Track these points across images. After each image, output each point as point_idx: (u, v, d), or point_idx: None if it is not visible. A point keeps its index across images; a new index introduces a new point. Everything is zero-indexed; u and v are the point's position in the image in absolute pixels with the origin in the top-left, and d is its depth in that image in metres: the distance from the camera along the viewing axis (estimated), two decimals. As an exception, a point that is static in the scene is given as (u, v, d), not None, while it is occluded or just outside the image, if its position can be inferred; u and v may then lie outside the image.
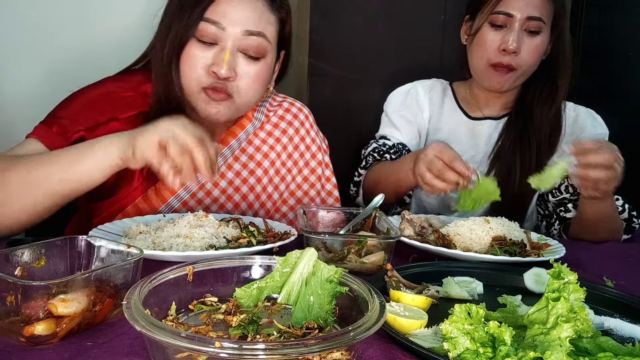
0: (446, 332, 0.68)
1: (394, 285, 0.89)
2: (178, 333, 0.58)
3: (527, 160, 1.60)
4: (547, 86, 1.63)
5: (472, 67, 1.66)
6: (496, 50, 1.55)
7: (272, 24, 1.25)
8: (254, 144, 1.43)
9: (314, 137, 1.52)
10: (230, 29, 1.19)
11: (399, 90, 1.83)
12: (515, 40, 1.52)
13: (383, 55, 2.58)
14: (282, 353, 0.57)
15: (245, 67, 1.23)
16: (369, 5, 2.53)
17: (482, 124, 1.73)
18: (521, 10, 1.52)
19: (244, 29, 1.20)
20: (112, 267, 0.76)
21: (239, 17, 1.19)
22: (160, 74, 1.23)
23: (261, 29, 1.22)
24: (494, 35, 1.56)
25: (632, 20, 2.47)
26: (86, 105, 1.23)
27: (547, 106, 1.62)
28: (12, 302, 0.68)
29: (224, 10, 1.19)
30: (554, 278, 0.70)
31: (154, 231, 1.09)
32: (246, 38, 1.21)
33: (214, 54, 1.20)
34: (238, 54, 1.22)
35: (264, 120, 1.46)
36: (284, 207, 1.46)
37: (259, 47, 1.23)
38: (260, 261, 0.83)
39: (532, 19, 1.52)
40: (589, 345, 0.70)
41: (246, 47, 1.22)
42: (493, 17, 1.55)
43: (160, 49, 1.22)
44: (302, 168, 1.49)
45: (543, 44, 1.57)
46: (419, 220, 1.24)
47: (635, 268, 1.24)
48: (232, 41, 1.20)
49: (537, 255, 1.15)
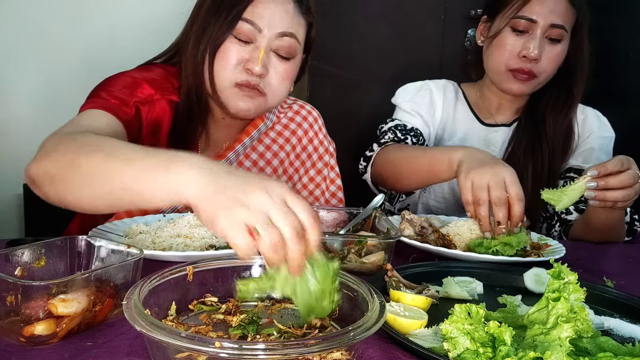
0: (446, 332, 0.68)
1: (394, 285, 0.89)
2: (178, 333, 0.58)
3: (539, 167, 1.58)
4: (562, 94, 1.60)
5: (489, 69, 1.62)
6: (516, 56, 1.52)
7: (302, 26, 1.31)
8: (265, 143, 1.47)
9: (322, 139, 1.56)
10: (266, 30, 1.24)
11: (410, 85, 1.78)
12: (537, 47, 1.48)
13: (383, 56, 2.58)
14: (282, 353, 0.57)
15: (277, 66, 1.28)
16: (369, 6, 2.53)
17: (496, 131, 1.69)
18: (545, 17, 1.48)
19: (278, 31, 1.25)
20: (112, 267, 0.76)
21: (275, 19, 1.24)
22: (193, 69, 1.27)
23: (294, 30, 1.27)
24: (515, 40, 1.52)
25: (632, 20, 2.47)
26: (129, 83, 1.25)
27: (562, 114, 1.60)
28: (12, 302, 0.68)
29: (260, 12, 1.23)
30: (554, 278, 0.70)
31: (154, 231, 1.09)
32: (280, 39, 1.25)
33: (249, 51, 1.24)
34: (271, 53, 1.26)
35: (275, 120, 1.50)
36: None
37: (291, 47, 1.27)
38: (260, 261, 0.83)
39: (555, 27, 1.49)
40: (589, 345, 0.70)
41: (278, 47, 1.26)
42: (515, 21, 1.51)
43: (195, 45, 1.25)
44: (308, 169, 1.53)
45: (563, 52, 1.54)
46: (419, 220, 1.24)
47: (635, 268, 1.24)
48: (267, 41, 1.24)
49: (537, 255, 1.15)
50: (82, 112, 1.15)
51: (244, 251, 0.70)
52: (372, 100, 2.55)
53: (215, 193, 0.74)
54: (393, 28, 2.57)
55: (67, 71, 1.78)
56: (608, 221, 1.38)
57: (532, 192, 1.43)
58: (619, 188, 1.16)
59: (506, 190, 1.15)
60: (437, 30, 2.63)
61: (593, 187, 1.15)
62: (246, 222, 0.70)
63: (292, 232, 0.70)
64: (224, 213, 0.71)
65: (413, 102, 1.71)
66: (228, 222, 0.71)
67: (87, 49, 1.80)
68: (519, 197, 1.15)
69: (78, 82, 1.29)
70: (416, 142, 1.62)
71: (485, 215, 1.16)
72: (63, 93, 1.25)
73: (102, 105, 1.16)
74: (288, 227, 0.70)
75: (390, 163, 1.55)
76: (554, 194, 1.14)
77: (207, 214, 0.73)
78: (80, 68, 1.80)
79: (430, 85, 1.75)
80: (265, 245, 0.70)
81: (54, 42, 1.76)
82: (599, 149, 1.61)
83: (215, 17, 1.24)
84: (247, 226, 0.70)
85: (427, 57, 2.61)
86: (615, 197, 1.17)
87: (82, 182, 0.88)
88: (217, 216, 0.72)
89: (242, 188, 0.74)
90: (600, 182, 1.15)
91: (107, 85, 1.23)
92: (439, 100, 1.73)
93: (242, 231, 0.70)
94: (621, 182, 1.16)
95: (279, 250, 0.70)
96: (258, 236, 0.69)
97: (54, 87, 1.80)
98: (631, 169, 1.18)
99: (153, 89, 1.27)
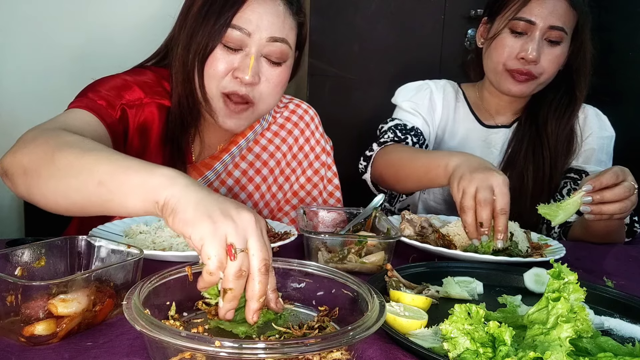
0: (446, 332, 0.68)
1: (394, 285, 0.89)
2: (178, 333, 0.58)
3: (540, 170, 1.57)
4: (565, 96, 1.59)
5: (488, 71, 1.61)
6: (514, 57, 1.51)
7: (293, 29, 1.27)
8: (261, 144, 1.45)
9: (319, 138, 1.55)
10: (255, 35, 1.20)
11: (410, 85, 1.76)
12: (535, 49, 1.47)
13: (383, 56, 2.59)
14: (282, 353, 0.57)
15: (268, 72, 1.25)
16: (369, 6, 2.53)
17: (496, 133, 1.69)
18: (544, 18, 1.47)
19: (268, 36, 1.21)
20: (112, 267, 0.76)
21: (264, 24, 1.21)
22: (183, 77, 1.24)
23: (284, 35, 1.24)
24: (514, 41, 1.51)
25: (632, 20, 2.47)
26: (119, 85, 1.23)
27: (564, 116, 1.59)
28: (12, 302, 0.68)
29: (249, 17, 1.20)
30: (554, 278, 0.70)
31: (154, 231, 1.09)
32: (270, 44, 1.22)
33: (239, 59, 1.21)
34: (261, 59, 1.23)
35: (271, 120, 1.49)
36: (286, 207, 1.48)
37: (282, 52, 1.24)
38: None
39: (554, 29, 1.48)
40: (589, 345, 0.70)
41: (269, 52, 1.23)
42: (514, 22, 1.50)
43: (184, 53, 1.22)
44: (306, 169, 1.52)
45: (563, 54, 1.53)
46: (419, 220, 1.24)
47: (635, 268, 1.24)
48: (257, 46, 1.21)
49: (538, 256, 1.15)
50: (67, 111, 1.14)
51: (215, 266, 0.67)
52: (371, 100, 2.55)
53: (203, 199, 0.71)
54: (393, 28, 2.58)
55: (61, 70, 1.78)
56: (607, 228, 1.37)
57: (532, 194, 1.42)
58: (614, 201, 1.14)
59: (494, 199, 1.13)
60: (437, 30, 2.63)
61: (589, 202, 1.13)
62: (228, 238, 0.67)
63: (263, 266, 0.68)
64: (210, 221, 0.68)
65: (413, 101, 1.70)
66: (210, 230, 0.67)
67: (82, 47, 1.79)
68: (504, 210, 1.11)
69: (73, 81, 1.29)
70: (417, 141, 1.61)
71: (471, 222, 1.14)
72: (58, 92, 1.24)
73: (87, 105, 1.14)
74: (262, 259, 0.68)
75: (390, 164, 1.54)
76: (550, 209, 1.12)
77: (186, 215, 0.69)
78: (75, 67, 1.79)
79: (430, 85, 1.74)
80: (234, 269, 0.67)
81: (49, 41, 1.76)
82: (599, 149, 1.61)
83: (203, 24, 1.20)
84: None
85: (426, 57, 2.62)
86: (612, 210, 1.15)
87: (52, 175, 0.86)
88: (199, 221, 0.68)
89: (233, 204, 0.71)
90: (595, 196, 1.13)
91: (96, 86, 1.22)
92: (438, 101, 1.72)
93: (222, 246, 0.67)
94: (617, 195, 1.13)
95: (241, 280, 0.68)
96: (233, 257, 0.67)
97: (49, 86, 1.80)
98: (626, 181, 1.15)
99: (143, 92, 1.25)
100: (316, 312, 0.79)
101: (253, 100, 1.25)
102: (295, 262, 0.82)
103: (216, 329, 0.73)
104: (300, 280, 0.82)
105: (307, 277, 0.82)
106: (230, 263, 0.67)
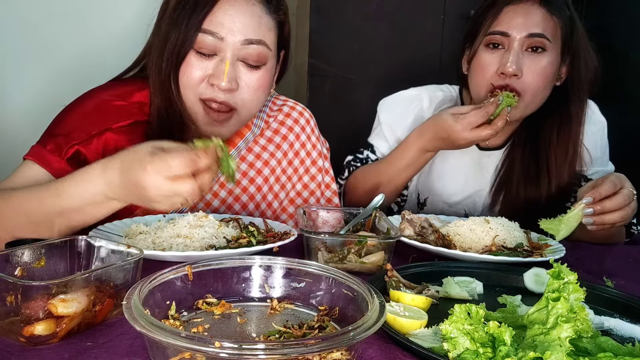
0: (446, 332, 0.68)
1: (394, 285, 0.89)
2: (178, 333, 0.58)
3: (537, 194, 1.50)
4: (559, 116, 1.49)
5: (474, 94, 1.50)
6: (494, 74, 1.41)
7: (272, 30, 1.22)
8: (254, 152, 1.40)
9: (315, 142, 1.48)
10: (229, 39, 1.15)
11: (399, 96, 1.67)
12: (515, 62, 1.37)
13: (382, 56, 2.59)
14: (282, 353, 0.57)
15: (246, 77, 1.20)
16: (369, 6, 2.54)
17: (489, 156, 1.61)
18: (518, 28, 1.39)
19: (243, 38, 1.16)
20: (112, 267, 0.76)
21: (237, 26, 1.16)
22: (159, 86, 1.20)
23: (261, 36, 1.18)
24: (491, 57, 1.42)
25: (632, 20, 2.47)
26: (79, 118, 1.20)
27: (561, 137, 1.49)
28: (12, 302, 0.68)
29: (221, 20, 1.15)
30: (554, 278, 0.70)
31: (154, 231, 1.09)
32: (246, 47, 1.17)
33: (214, 65, 1.17)
34: (238, 63, 1.18)
35: (263, 126, 1.43)
36: (283, 215, 1.44)
37: (260, 55, 1.19)
38: (260, 261, 0.83)
39: (533, 36, 1.38)
40: (589, 345, 0.70)
41: (246, 56, 1.18)
42: (488, 38, 1.42)
43: (158, 62, 1.18)
44: (302, 175, 1.46)
45: (551, 65, 1.41)
46: (419, 220, 1.24)
47: (635, 268, 1.24)
48: (232, 51, 1.16)
49: (538, 256, 1.15)
50: (22, 165, 1.17)
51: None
52: (371, 99, 2.55)
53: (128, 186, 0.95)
54: (392, 28, 2.58)
55: (63, 76, 1.78)
56: (607, 233, 1.35)
57: (524, 218, 1.35)
58: (615, 210, 1.14)
59: None
60: (436, 30, 2.63)
61: (590, 214, 1.12)
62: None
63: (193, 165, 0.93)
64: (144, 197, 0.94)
65: (393, 121, 1.62)
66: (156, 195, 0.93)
67: (83, 53, 1.80)
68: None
69: (74, 87, 1.28)
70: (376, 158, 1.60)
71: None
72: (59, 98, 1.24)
73: (34, 153, 1.16)
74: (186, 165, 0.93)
75: (362, 183, 1.56)
76: (552, 223, 1.12)
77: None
78: (76, 73, 1.79)
79: (423, 100, 1.64)
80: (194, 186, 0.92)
81: (50, 47, 1.76)
82: (593, 148, 1.57)
83: (174, 30, 1.15)
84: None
85: (426, 56, 2.62)
86: (614, 219, 1.14)
87: (15, 210, 1.01)
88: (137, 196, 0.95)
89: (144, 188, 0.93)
90: (596, 207, 1.12)
91: (57, 122, 1.20)
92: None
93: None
94: (617, 204, 1.13)
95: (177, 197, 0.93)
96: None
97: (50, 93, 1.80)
98: (625, 188, 1.15)
99: (107, 120, 1.20)
100: (316, 312, 0.79)
101: (235, 106, 1.20)
102: (295, 262, 0.82)
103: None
104: (300, 280, 0.82)
105: (307, 277, 0.82)
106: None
